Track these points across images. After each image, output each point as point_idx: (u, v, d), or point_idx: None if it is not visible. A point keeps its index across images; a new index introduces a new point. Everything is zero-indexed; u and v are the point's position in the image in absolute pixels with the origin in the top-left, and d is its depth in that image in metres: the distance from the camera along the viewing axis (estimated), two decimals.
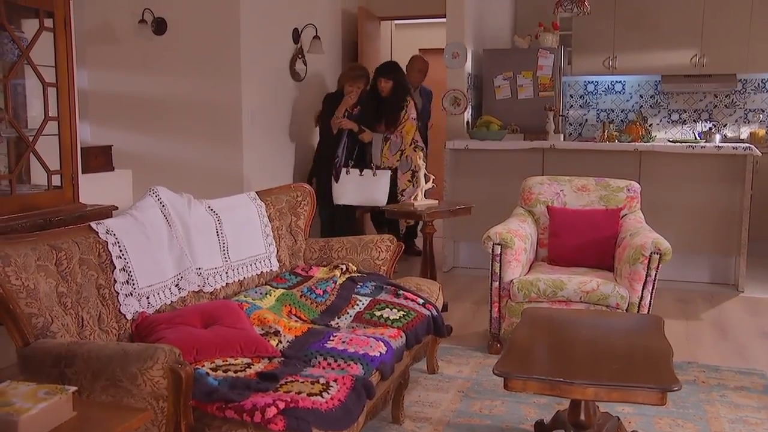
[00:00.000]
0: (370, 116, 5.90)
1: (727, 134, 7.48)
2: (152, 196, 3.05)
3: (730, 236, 5.58)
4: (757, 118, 7.46)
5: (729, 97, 7.52)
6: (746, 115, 7.50)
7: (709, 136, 7.16)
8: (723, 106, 7.55)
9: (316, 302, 3.32)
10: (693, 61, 7.18)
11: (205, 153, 5.25)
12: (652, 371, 2.50)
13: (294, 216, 3.84)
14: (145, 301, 2.73)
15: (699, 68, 7.18)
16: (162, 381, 2.00)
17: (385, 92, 5.95)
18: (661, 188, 5.62)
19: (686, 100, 7.62)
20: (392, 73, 5.97)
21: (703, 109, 7.60)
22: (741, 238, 5.52)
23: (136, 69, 5.35)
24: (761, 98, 7.44)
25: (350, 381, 2.46)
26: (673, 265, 4.69)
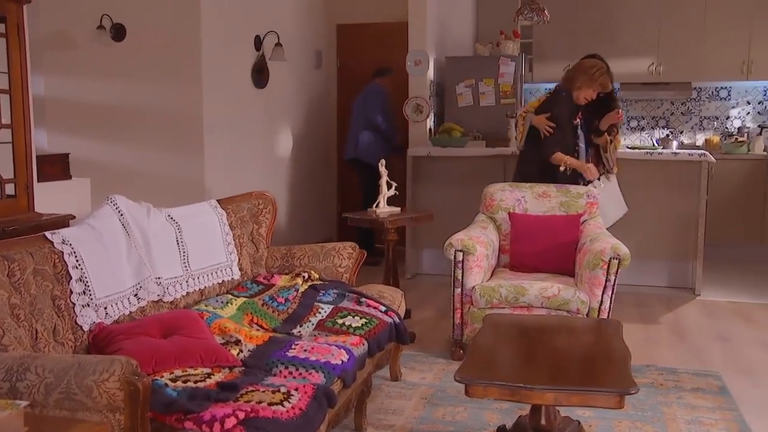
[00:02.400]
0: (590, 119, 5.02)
1: (683, 141, 7.63)
2: (110, 205, 3.01)
3: (686, 241, 5.68)
4: (711, 125, 7.62)
5: (685, 105, 7.67)
6: (701, 123, 7.66)
7: (667, 142, 7.31)
8: (679, 114, 7.71)
9: (278, 310, 3.30)
10: (650, 69, 7.32)
11: (165, 161, 5.20)
12: (610, 375, 2.53)
13: (255, 224, 3.82)
14: (102, 311, 2.69)
15: (656, 76, 7.33)
16: (118, 393, 1.96)
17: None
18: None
19: (644, 108, 7.76)
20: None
21: (661, 117, 7.74)
22: (697, 242, 5.63)
23: (95, 76, 5.28)
24: (715, 106, 7.61)
25: (311, 390, 2.44)
26: (632, 270, 4.77)
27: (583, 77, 4.78)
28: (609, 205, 4.91)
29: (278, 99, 6.37)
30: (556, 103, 4.88)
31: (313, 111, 7.27)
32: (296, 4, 6.77)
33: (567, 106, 4.84)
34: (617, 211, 5.02)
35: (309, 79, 7.09)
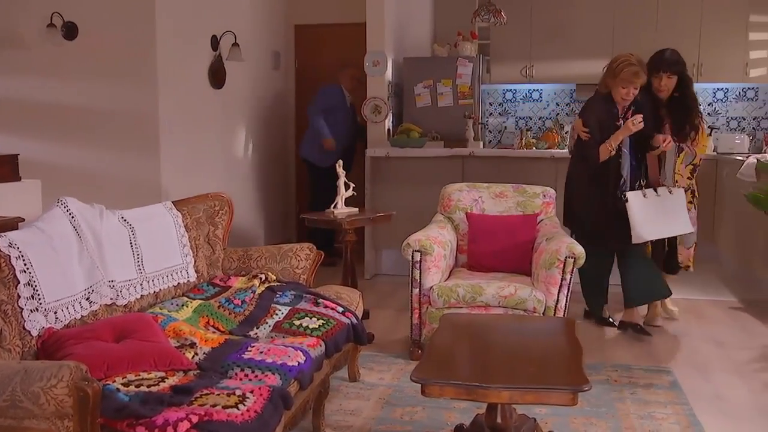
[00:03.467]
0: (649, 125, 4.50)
1: None
2: (61, 207, 2.95)
3: None
4: None
5: None
6: None
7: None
8: None
9: (235, 312, 3.28)
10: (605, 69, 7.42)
11: (120, 162, 5.11)
12: (564, 373, 2.56)
13: (212, 225, 3.78)
14: (52, 316, 2.63)
15: None
16: (67, 399, 1.93)
17: (666, 92, 4.61)
18: None
19: None
20: (679, 65, 4.60)
21: None
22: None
23: (46, 75, 5.16)
24: None
25: (267, 392, 2.43)
26: None
27: (607, 74, 4.52)
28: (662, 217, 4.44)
29: (236, 99, 6.31)
30: (586, 107, 4.78)
31: (271, 112, 7.23)
32: (253, 4, 6.72)
33: (599, 109, 4.57)
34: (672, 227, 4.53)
35: (267, 79, 7.05)
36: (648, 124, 4.43)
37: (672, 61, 4.54)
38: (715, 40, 7.21)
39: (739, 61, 7.22)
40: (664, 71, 4.52)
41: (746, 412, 3.49)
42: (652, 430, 3.27)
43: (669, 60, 4.54)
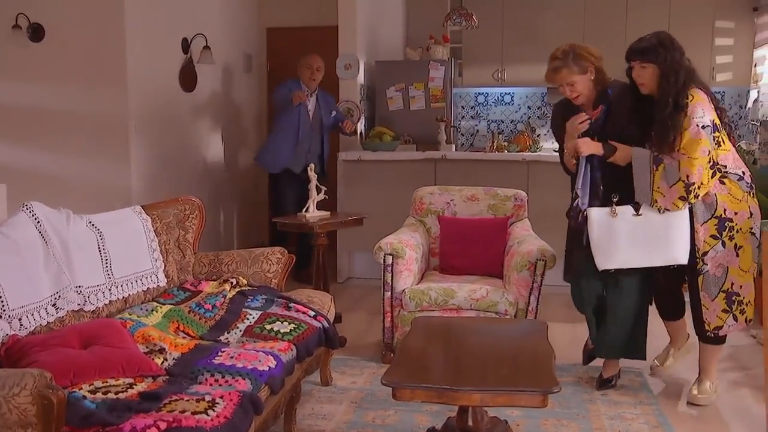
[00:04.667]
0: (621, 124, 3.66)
1: None
2: (26, 212, 2.91)
3: None
4: None
5: None
6: None
7: None
8: None
9: (205, 317, 3.25)
10: None
11: (88, 166, 5.04)
12: (534, 375, 2.58)
13: (182, 230, 3.75)
14: (16, 323, 2.59)
15: None
16: (30, 408, 1.89)
17: (646, 85, 3.55)
18: (548, 196, 5.80)
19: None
20: (654, 53, 3.51)
21: None
22: None
23: (11, 78, 5.08)
24: None
25: (237, 397, 2.41)
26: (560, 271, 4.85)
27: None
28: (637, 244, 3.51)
29: (207, 103, 6.27)
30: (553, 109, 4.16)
31: (243, 115, 7.19)
32: (225, 6, 6.69)
33: (562, 111, 3.91)
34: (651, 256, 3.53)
35: (238, 82, 7.01)
36: (618, 126, 3.63)
37: (641, 47, 3.54)
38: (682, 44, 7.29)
39: (705, 65, 7.31)
40: (633, 60, 3.57)
41: (714, 412, 3.54)
42: (622, 430, 3.30)
43: (637, 46, 3.56)
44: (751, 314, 3.56)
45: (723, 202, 3.47)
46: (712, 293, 3.51)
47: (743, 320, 3.54)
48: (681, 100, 3.41)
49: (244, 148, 7.22)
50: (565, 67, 3.65)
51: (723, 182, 3.48)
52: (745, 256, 3.49)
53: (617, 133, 3.63)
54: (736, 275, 3.49)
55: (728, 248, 3.48)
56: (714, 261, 3.49)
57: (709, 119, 3.42)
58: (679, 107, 3.41)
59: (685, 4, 7.28)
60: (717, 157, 3.45)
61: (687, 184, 3.39)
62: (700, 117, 3.39)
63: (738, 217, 3.47)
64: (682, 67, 3.47)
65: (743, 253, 3.48)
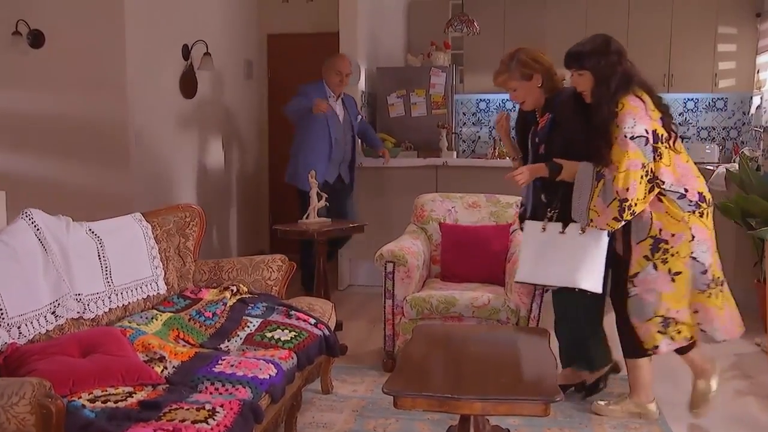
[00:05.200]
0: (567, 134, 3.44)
1: None
2: (25, 219, 2.89)
3: None
4: None
5: None
6: None
7: None
8: None
9: (205, 325, 3.24)
10: None
11: (88, 173, 5.03)
12: (536, 383, 2.56)
13: (182, 237, 3.73)
14: (15, 331, 2.57)
15: None
16: (29, 417, 1.88)
17: (586, 93, 3.34)
18: None
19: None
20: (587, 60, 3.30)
21: None
22: None
23: (11, 84, 5.08)
24: None
25: (237, 406, 2.40)
26: None
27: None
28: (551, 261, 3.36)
29: (207, 109, 6.26)
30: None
31: (244, 122, 7.18)
32: (225, 12, 6.69)
33: (519, 115, 3.78)
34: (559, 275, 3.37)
35: (239, 89, 7.01)
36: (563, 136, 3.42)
37: (574, 53, 3.33)
38: (684, 51, 7.31)
39: (707, 72, 7.32)
40: (568, 67, 3.36)
41: (718, 421, 3.51)
42: None
43: (570, 53, 3.35)
44: (689, 333, 3.31)
45: (658, 221, 3.20)
46: (642, 316, 3.29)
47: (682, 339, 3.32)
48: (612, 108, 3.20)
49: (245, 154, 7.22)
50: (507, 72, 3.55)
51: (660, 200, 3.20)
52: (682, 284, 3.23)
53: (563, 143, 3.41)
54: (671, 301, 3.24)
55: (660, 272, 3.22)
56: (644, 285, 3.25)
57: (642, 129, 3.15)
58: (610, 116, 3.19)
59: (687, 10, 7.27)
60: (657, 170, 3.18)
61: (620, 200, 3.13)
62: (629, 127, 3.14)
63: (674, 239, 3.19)
64: (615, 74, 3.24)
65: (680, 280, 3.22)
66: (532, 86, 3.53)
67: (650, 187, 3.16)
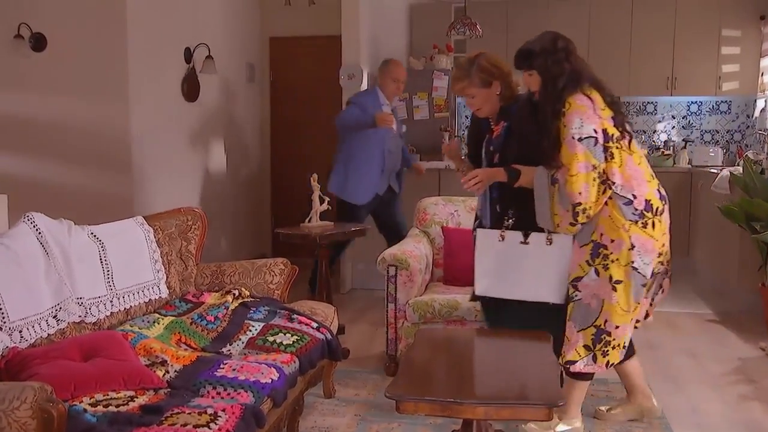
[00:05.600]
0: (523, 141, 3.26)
1: None
2: (27, 223, 2.89)
3: None
4: (639, 138, 7.84)
5: None
6: None
7: None
8: None
9: (207, 329, 3.23)
10: None
11: (90, 177, 5.03)
12: (539, 388, 2.54)
13: (184, 241, 3.73)
14: (17, 335, 2.57)
15: None
16: (30, 422, 1.87)
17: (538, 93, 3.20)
18: None
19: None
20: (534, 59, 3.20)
21: None
22: None
23: (13, 88, 5.07)
24: (642, 120, 7.84)
25: (239, 410, 2.39)
26: None
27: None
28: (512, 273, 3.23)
29: (210, 112, 6.26)
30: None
31: (246, 125, 7.18)
32: (228, 16, 6.70)
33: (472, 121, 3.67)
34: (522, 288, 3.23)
35: (241, 92, 7.01)
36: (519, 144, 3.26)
37: (522, 53, 3.23)
38: (688, 54, 7.30)
39: (711, 74, 7.31)
40: (518, 67, 3.25)
41: (721, 426, 3.49)
42: None
43: (519, 51, 3.25)
44: (616, 359, 3.15)
45: (601, 225, 3.07)
46: (580, 324, 3.13)
47: (603, 363, 3.12)
48: (557, 108, 3.05)
49: (247, 158, 7.21)
50: (466, 78, 3.36)
51: (606, 203, 3.06)
52: (624, 294, 3.07)
53: (519, 151, 3.24)
54: (612, 312, 3.08)
55: (602, 278, 3.07)
56: (588, 290, 3.10)
57: (591, 129, 2.99)
58: (555, 116, 3.05)
59: (691, 12, 7.26)
60: (608, 171, 3.03)
61: (573, 205, 2.99)
62: (576, 128, 2.99)
63: (614, 246, 3.05)
64: (563, 73, 3.09)
65: (621, 290, 3.07)
66: (491, 93, 3.36)
67: (603, 189, 3.03)
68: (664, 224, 3.18)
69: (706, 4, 7.24)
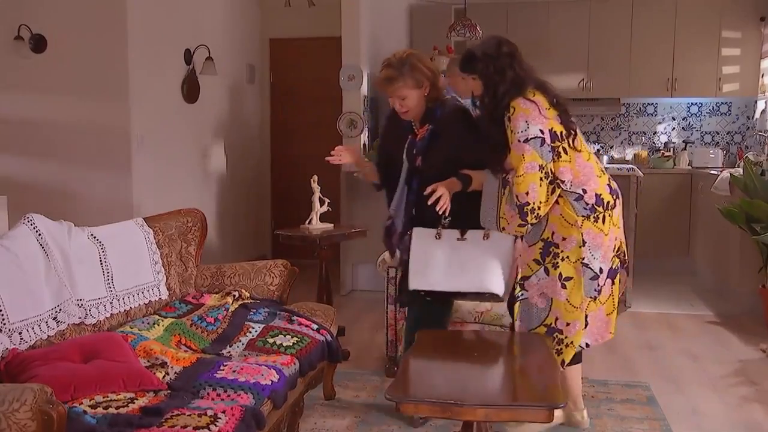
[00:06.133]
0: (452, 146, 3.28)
1: (613, 155, 7.85)
2: (27, 224, 2.89)
3: None
4: (639, 140, 7.85)
5: (614, 120, 7.88)
6: (630, 138, 7.88)
7: (597, 157, 7.46)
8: (609, 129, 7.91)
9: (207, 331, 3.22)
10: (580, 85, 7.50)
11: (90, 178, 5.02)
12: (540, 390, 2.54)
13: (184, 242, 3.72)
14: (17, 336, 2.56)
15: (586, 92, 7.51)
16: (30, 424, 1.87)
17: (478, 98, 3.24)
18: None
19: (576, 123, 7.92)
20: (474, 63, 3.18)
21: (592, 131, 7.93)
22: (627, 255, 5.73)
23: (12, 89, 5.06)
24: (642, 121, 7.84)
25: (239, 412, 2.38)
26: None
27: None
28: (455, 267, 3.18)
29: (210, 114, 6.26)
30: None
31: (247, 126, 7.18)
32: (228, 17, 6.70)
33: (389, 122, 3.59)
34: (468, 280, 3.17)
35: (242, 93, 7.01)
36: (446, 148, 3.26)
37: (467, 57, 3.21)
38: (688, 55, 7.31)
39: (711, 76, 7.31)
40: (463, 71, 3.24)
41: (722, 427, 3.49)
42: None
43: (464, 57, 3.23)
44: (569, 358, 3.16)
45: (552, 224, 3.10)
46: (527, 323, 3.16)
47: (558, 362, 3.08)
48: (500, 113, 3.07)
49: (247, 159, 7.21)
50: (400, 78, 3.23)
51: (557, 201, 3.08)
52: (575, 290, 3.09)
53: (445, 156, 3.24)
54: (562, 310, 3.11)
55: (551, 276, 3.10)
56: (536, 289, 3.13)
57: (537, 130, 3.01)
58: (499, 122, 3.08)
59: (691, 13, 7.27)
60: (556, 170, 3.05)
61: (520, 205, 3.01)
62: (522, 131, 3.01)
63: (565, 243, 3.09)
64: (505, 78, 3.08)
65: (571, 286, 3.09)
66: (420, 95, 3.26)
67: (552, 189, 3.05)
68: (616, 218, 3.19)
69: (706, 5, 7.25)
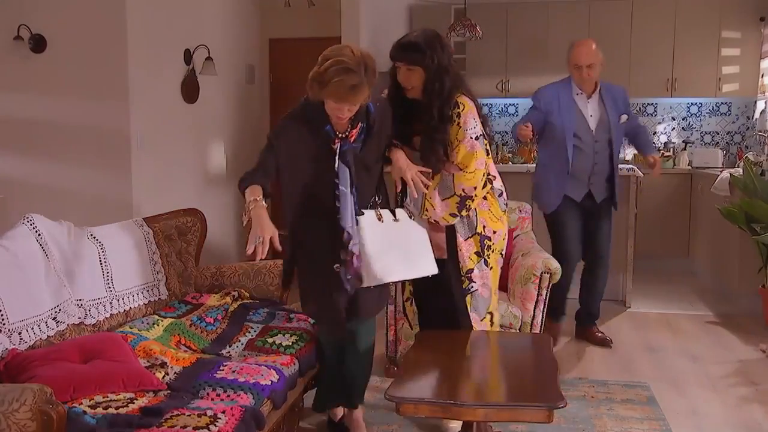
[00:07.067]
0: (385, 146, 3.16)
1: None
2: (27, 225, 2.89)
3: (617, 254, 5.77)
4: None
5: None
6: None
7: None
8: None
9: (207, 331, 3.23)
10: None
11: (89, 179, 5.01)
12: (539, 390, 2.54)
13: (184, 242, 3.72)
14: (16, 336, 2.57)
15: None
16: (30, 424, 1.87)
17: (415, 89, 3.13)
18: None
19: None
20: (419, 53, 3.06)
21: None
22: (627, 255, 5.74)
23: (12, 89, 5.05)
24: (643, 122, 7.83)
25: (239, 412, 2.39)
26: None
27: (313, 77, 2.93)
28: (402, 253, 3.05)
29: (209, 114, 6.25)
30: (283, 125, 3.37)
31: (246, 127, 7.17)
32: (227, 17, 6.69)
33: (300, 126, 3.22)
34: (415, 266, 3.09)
35: (241, 94, 7.00)
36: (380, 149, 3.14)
37: (405, 45, 3.09)
38: (688, 55, 7.30)
39: (711, 76, 7.31)
40: (399, 60, 3.11)
41: (722, 427, 3.49)
42: None
43: (403, 44, 3.11)
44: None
45: (482, 218, 3.16)
46: (480, 313, 3.23)
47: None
48: (447, 109, 3.02)
49: (247, 159, 7.20)
50: (365, 86, 2.81)
51: (485, 197, 3.16)
52: (494, 279, 3.28)
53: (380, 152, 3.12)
54: (494, 298, 3.33)
55: (488, 268, 3.23)
56: (480, 280, 3.21)
57: (480, 128, 3.08)
58: (446, 118, 3.02)
59: (691, 14, 7.27)
60: (488, 167, 3.15)
61: (464, 198, 3.06)
62: (472, 128, 3.03)
63: (496, 236, 3.20)
64: (449, 72, 3.03)
65: (491, 276, 3.25)
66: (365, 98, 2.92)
67: (484, 183, 3.14)
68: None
69: (706, 5, 7.24)
